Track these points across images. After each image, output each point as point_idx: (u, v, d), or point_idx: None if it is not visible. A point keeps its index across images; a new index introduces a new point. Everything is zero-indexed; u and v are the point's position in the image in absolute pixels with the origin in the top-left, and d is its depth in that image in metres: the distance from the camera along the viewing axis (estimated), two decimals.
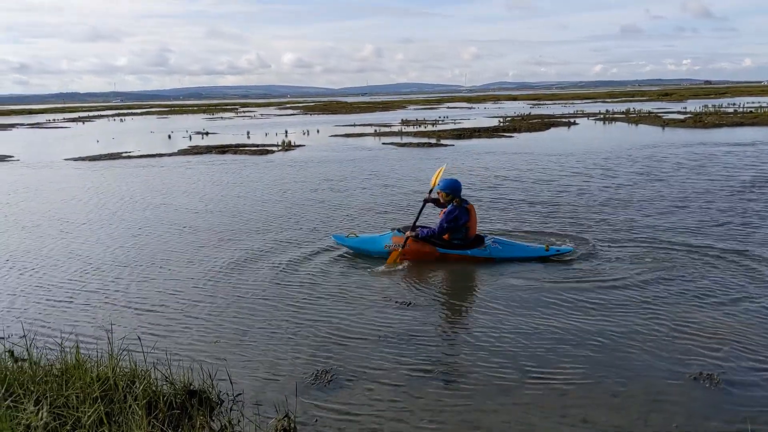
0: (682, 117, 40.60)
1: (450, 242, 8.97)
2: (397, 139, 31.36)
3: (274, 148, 27.98)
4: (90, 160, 25.32)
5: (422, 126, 42.55)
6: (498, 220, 11.57)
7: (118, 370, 4.86)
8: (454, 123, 45.02)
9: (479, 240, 8.99)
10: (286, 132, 38.69)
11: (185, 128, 47.39)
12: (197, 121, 63.84)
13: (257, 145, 29.60)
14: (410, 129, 39.32)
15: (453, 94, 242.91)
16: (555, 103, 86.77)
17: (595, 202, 12.96)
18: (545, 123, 40.18)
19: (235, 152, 26.90)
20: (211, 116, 76.72)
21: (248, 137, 36.07)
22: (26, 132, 51.30)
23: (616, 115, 46.00)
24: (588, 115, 49.19)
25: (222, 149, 28.00)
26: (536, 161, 20.38)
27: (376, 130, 38.13)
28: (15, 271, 9.19)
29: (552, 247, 8.89)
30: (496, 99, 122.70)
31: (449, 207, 8.90)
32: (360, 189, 15.67)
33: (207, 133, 40.67)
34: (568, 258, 8.80)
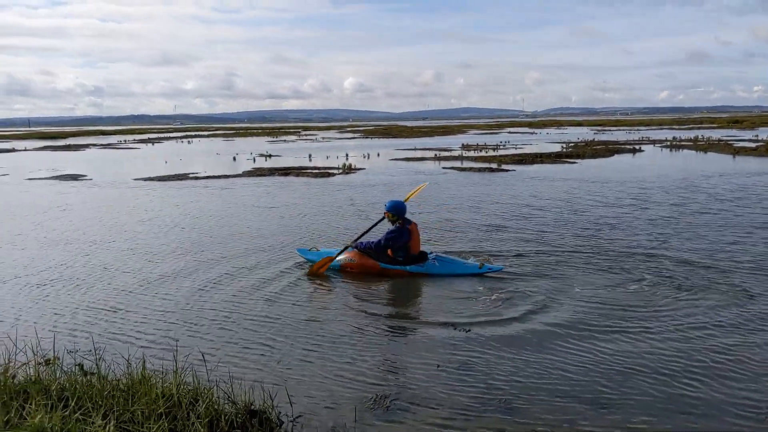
0: (753, 145, 39.23)
1: (394, 258, 9.73)
2: (457, 164, 31.30)
3: (335, 171, 28.29)
4: (158, 180, 26.11)
5: (483, 151, 42.38)
6: (553, 249, 11.35)
7: (181, 387, 4.94)
8: (516, 148, 44.68)
9: (422, 257, 9.73)
10: (347, 155, 39.10)
11: (249, 150, 48.44)
12: (261, 143, 65.21)
13: (319, 168, 30.00)
14: (471, 153, 39.20)
15: (514, 119, 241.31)
16: (619, 129, 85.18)
17: (667, 233, 12.59)
18: (609, 149, 39.44)
19: (297, 174, 27.32)
20: (274, 139, 78.27)
21: (310, 160, 36.62)
22: (99, 152, 53.37)
23: (683, 143, 44.79)
24: (654, 142, 48.05)
25: (284, 171, 28.48)
26: (600, 188, 19.97)
27: (436, 155, 38.16)
28: (85, 285, 9.50)
29: (485, 265, 9.50)
30: (559, 124, 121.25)
31: (392, 227, 9.77)
32: (417, 213, 15.64)
33: (270, 156, 41.49)
34: (498, 276, 9.27)
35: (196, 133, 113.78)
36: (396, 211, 9.80)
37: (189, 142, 73.71)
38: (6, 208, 18.56)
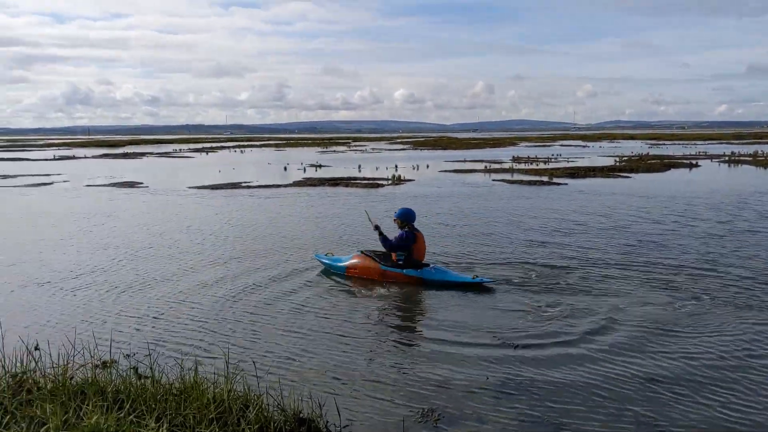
0: None
1: (394, 262, 10.29)
2: (507, 176, 31.06)
3: (384, 182, 28.39)
4: (212, 188, 26.64)
5: (534, 163, 41.95)
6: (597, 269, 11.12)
7: (232, 393, 5.00)
8: (568, 161, 44.08)
9: (421, 264, 10.23)
10: (396, 166, 39.20)
11: (300, 161, 49.02)
12: (311, 154, 65.92)
13: (368, 179, 30.16)
14: (521, 166, 38.85)
15: (566, 132, 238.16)
16: (675, 144, 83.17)
17: (717, 251, 12.22)
18: (664, 164, 38.56)
19: (347, 185, 27.50)
20: (324, 149, 79.04)
21: (359, 171, 36.85)
22: (155, 161, 54.76)
23: (742, 158, 43.46)
24: (711, 157, 46.74)
25: (334, 182, 28.72)
26: (652, 203, 19.52)
27: (486, 167, 37.95)
28: (143, 290, 9.74)
29: (477, 278, 9.86)
30: (612, 137, 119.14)
31: (402, 232, 10.41)
32: (459, 225, 15.55)
33: (320, 166, 41.90)
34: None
35: (249, 143, 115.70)
36: (405, 217, 10.53)
37: (241, 151, 75.02)
38: (66, 213, 19.17)
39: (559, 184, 26.97)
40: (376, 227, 10.73)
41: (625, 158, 45.27)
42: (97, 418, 4.38)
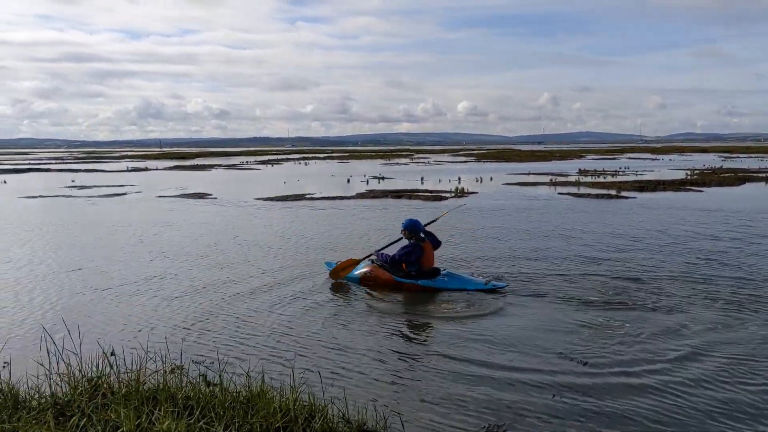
0: None
1: (408, 273, 10.52)
2: (573, 189, 30.50)
3: (447, 195, 28.29)
4: (277, 200, 27.10)
5: (601, 176, 41.06)
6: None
7: (298, 402, 5.05)
8: (637, 174, 42.93)
9: (434, 272, 10.45)
10: (459, 179, 39.04)
11: (363, 173, 49.40)
12: (374, 166, 66.35)
13: (430, 191, 30.11)
14: (588, 179, 38.08)
15: (634, 144, 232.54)
16: (750, 157, 79.96)
17: None
18: (739, 177, 37.10)
19: (410, 197, 27.54)
20: (387, 162, 79.42)
21: (422, 183, 36.85)
22: (224, 172, 56.13)
23: None
24: None
25: (397, 194, 28.80)
26: (725, 218, 18.77)
27: (551, 179, 37.36)
28: (213, 297, 9.97)
29: (490, 283, 10.15)
30: (683, 150, 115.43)
31: (408, 244, 10.65)
32: (528, 238, 15.33)
33: (383, 178, 42.10)
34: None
35: (313, 155, 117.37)
36: (411, 229, 10.79)
37: (306, 163, 76.13)
38: (139, 222, 19.83)
39: (627, 197, 26.29)
40: (377, 253, 11.14)
41: (697, 172, 43.79)
42: (168, 423, 4.51)
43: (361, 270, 10.99)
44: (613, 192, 28.39)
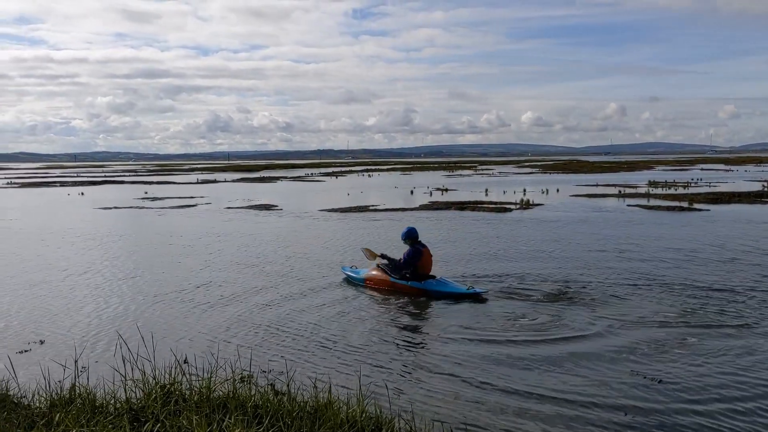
0: None
1: (403, 275, 11.38)
2: (643, 201, 29.67)
3: (512, 206, 27.94)
4: (341, 211, 27.34)
5: (672, 188, 39.82)
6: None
7: (365, 414, 5.03)
8: (710, 186, 41.46)
9: (426, 277, 11.26)
10: (525, 190, 38.54)
11: (426, 184, 49.35)
12: (437, 177, 66.23)
13: (495, 203, 29.80)
14: (658, 191, 36.99)
15: (706, 155, 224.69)
16: None
17: None
18: None
19: (474, 209, 27.32)
20: (450, 173, 79.16)
21: (486, 194, 36.53)
22: (289, 184, 57.07)
23: None
24: None
25: (461, 206, 28.62)
26: None
27: (620, 191, 36.46)
28: (281, 307, 10.12)
29: (471, 288, 10.82)
30: (759, 161, 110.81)
31: (409, 249, 11.48)
32: (599, 249, 14.94)
33: (446, 190, 41.95)
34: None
35: (376, 167, 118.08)
36: (407, 236, 11.73)
37: (369, 175, 76.66)
38: (209, 233, 20.32)
39: (700, 209, 25.38)
40: (383, 256, 11.95)
41: None
42: (239, 431, 4.56)
43: (365, 273, 12.00)
44: (685, 204, 27.49)
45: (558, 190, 38.86)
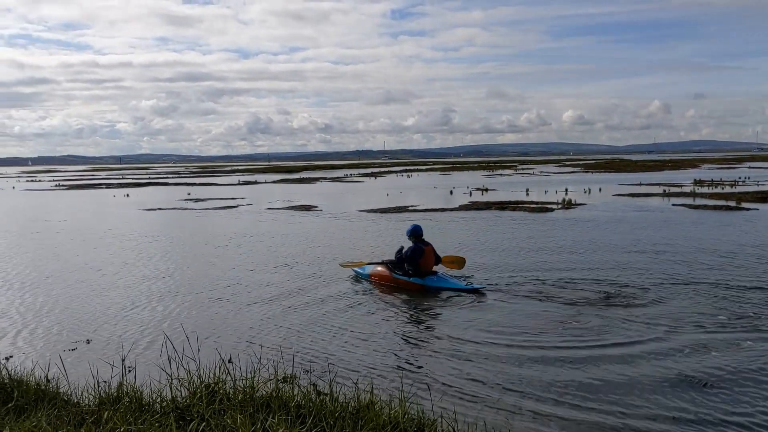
0: None
1: (405, 271, 11.79)
2: (689, 201, 29.02)
3: (554, 206, 27.60)
4: (380, 212, 27.36)
5: (719, 187, 38.85)
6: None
7: (407, 416, 5.01)
8: (758, 185, 40.31)
9: (427, 273, 11.65)
10: (566, 190, 38.04)
11: (466, 184, 49.08)
12: (477, 177, 65.83)
13: (536, 203, 29.48)
14: (704, 190, 36.12)
15: (752, 153, 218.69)
16: None
17: None
18: None
19: (514, 209, 27.06)
20: (490, 173, 78.61)
21: (527, 194, 36.16)
22: (329, 185, 57.34)
23: None
24: None
25: (501, 205, 28.39)
26: None
27: (664, 190, 35.71)
28: (321, 307, 10.18)
29: (470, 284, 11.31)
30: None
31: (412, 245, 11.82)
32: (641, 251, 14.64)
33: (486, 190, 41.65)
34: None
35: (415, 167, 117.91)
36: (411, 233, 12.01)
37: (408, 176, 76.59)
38: (251, 233, 20.55)
39: (748, 209, 24.70)
40: (394, 260, 12.12)
41: None
42: (282, 431, 4.59)
43: (371, 269, 12.47)
44: (732, 203, 26.79)
45: (600, 190, 38.25)
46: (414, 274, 11.68)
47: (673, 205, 27.47)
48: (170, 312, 10.29)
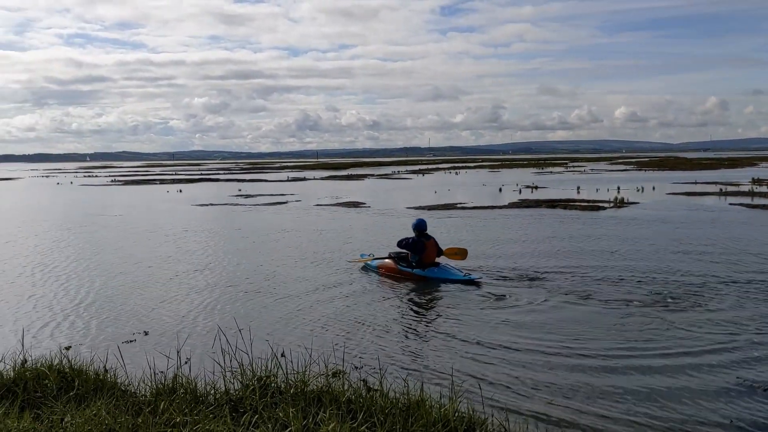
0: None
1: (409, 263, 12.57)
2: (747, 200, 28.12)
3: (606, 205, 27.09)
4: (428, 209, 27.28)
5: None
6: None
7: (457, 413, 4.99)
8: None
9: (430, 265, 12.37)
10: (618, 188, 37.30)
11: (515, 182, 48.59)
12: (526, 175, 65.10)
13: (587, 201, 29.00)
14: (764, 189, 34.95)
15: None
16: None
17: None
18: None
19: (565, 207, 26.67)
20: (540, 170, 77.64)
21: (578, 192, 35.60)
22: (376, 182, 57.49)
23: None
24: None
25: (551, 203, 28.02)
26: None
27: (721, 189, 34.69)
28: (371, 304, 10.23)
29: (468, 275, 11.90)
30: None
31: (413, 237, 12.60)
32: (698, 253, 14.24)
33: (536, 187, 41.15)
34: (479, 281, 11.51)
35: (463, 164, 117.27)
36: (416, 227, 12.75)
37: (456, 173, 76.20)
38: (302, 228, 20.76)
39: None
40: (397, 253, 12.92)
41: None
42: (333, 425, 4.63)
43: (379, 261, 13.17)
44: None
45: (654, 188, 37.35)
46: (417, 266, 12.44)
47: (730, 204, 26.66)
48: (223, 305, 10.48)
